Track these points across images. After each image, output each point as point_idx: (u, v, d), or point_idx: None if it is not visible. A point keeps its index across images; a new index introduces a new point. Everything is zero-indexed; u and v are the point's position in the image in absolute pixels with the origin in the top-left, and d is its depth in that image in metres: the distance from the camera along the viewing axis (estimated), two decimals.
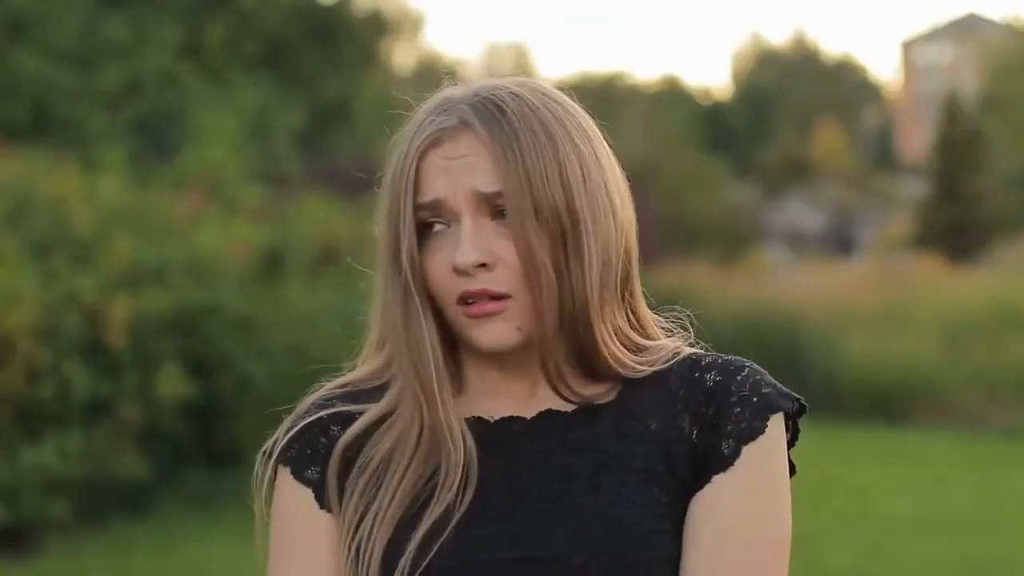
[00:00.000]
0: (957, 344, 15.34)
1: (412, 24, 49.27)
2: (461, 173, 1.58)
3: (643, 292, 1.70)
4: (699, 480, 1.60)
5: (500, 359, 1.63)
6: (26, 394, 8.88)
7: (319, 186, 15.04)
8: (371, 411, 1.66)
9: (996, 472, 12.01)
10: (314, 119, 21.75)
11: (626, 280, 1.66)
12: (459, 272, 1.58)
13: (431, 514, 1.58)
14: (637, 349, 1.66)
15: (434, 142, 1.59)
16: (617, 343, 1.63)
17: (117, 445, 9.40)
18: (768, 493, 1.60)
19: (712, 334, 1.79)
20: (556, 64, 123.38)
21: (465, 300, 1.59)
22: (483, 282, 1.58)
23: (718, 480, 1.60)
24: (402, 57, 47.09)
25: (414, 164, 1.59)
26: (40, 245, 9.48)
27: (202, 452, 10.28)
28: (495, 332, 1.59)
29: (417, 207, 1.60)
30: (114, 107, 18.37)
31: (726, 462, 1.60)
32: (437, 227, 1.60)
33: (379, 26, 26.06)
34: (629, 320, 1.67)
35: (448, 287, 1.59)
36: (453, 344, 1.65)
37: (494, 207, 1.59)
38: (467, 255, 1.57)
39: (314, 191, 14.19)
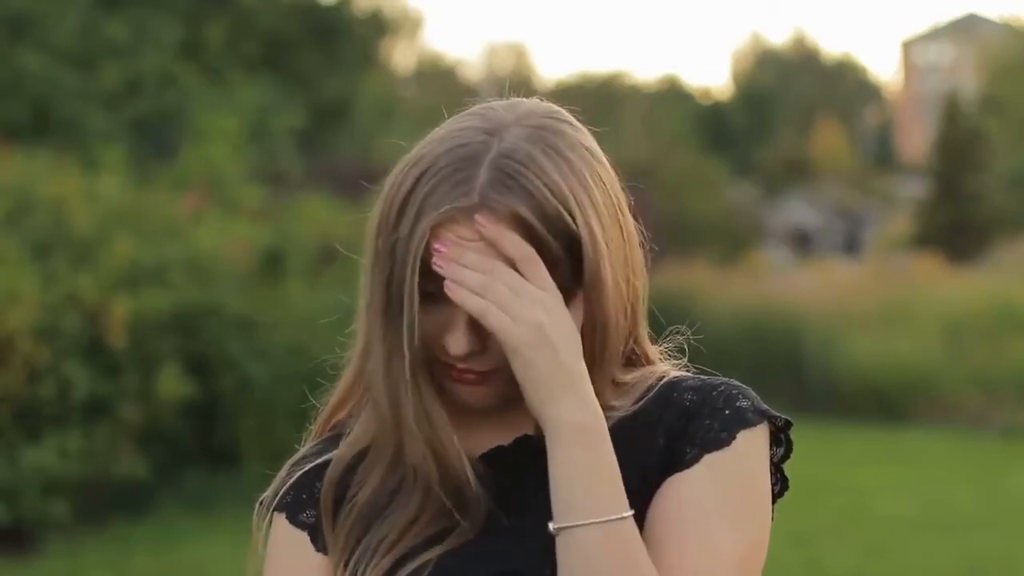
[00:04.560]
0: (957, 344, 15.35)
1: (412, 24, 49.25)
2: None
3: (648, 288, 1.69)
4: (661, 482, 1.59)
5: None
6: (26, 394, 8.88)
7: (319, 186, 15.04)
8: (344, 446, 1.66)
9: (996, 472, 12.02)
10: (314, 119, 21.76)
11: (633, 329, 1.65)
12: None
13: (431, 552, 1.59)
14: (622, 385, 1.64)
15: (449, 218, 1.54)
16: (604, 393, 1.61)
17: (117, 445, 9.40)
18: (726, 501, 1.57)
19: (712, 334, 1.78)
20: (556, 64, 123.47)
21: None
22: (471, 362, 1.57)
23: (673, 479, 1.58)
24: (402, 57, 47.09)
25: (425, 239, 1.54)
26: (40, 245, 9.49)
27: (202, 452, 10.28)
28: (475, 394, 1.60)
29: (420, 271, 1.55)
30: (114, 107, 18.38)
31: (685, 465, 1.58)
32: (435, 287, 1.55)
33: (379, 26, 26.06)
34: (629, 358, 1.66)
35: (436, 349, 1.58)
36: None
37: None
38: (459, 346, 1.56)
39: (314, 191, 14.19)
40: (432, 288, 1.55)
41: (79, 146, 14.79)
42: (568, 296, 1.55)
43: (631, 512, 1.52)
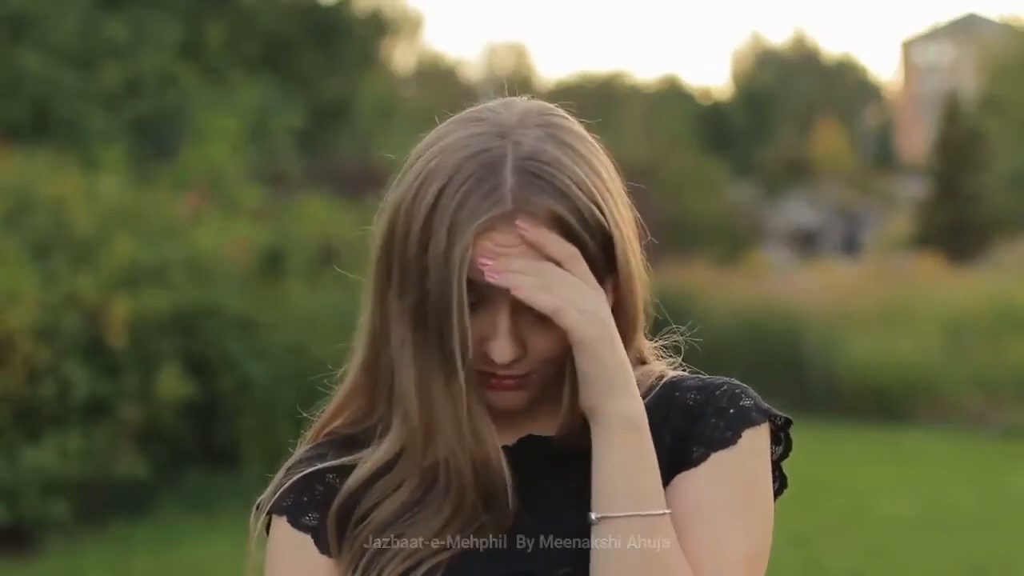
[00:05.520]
0: (957, 344, 15.35)
1: (412, 24, 49.24)
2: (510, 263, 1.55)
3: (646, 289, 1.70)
4: (668, 481, 1.60)
5: None
6: (26, 394, 8.88)
7: (319, 186, 15.05)
8: (369, 462, 1.65)
9: (996, 472, 12.02)
10: (314, 119, 21.75)
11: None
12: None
13: (445, 553, 1.59)
14: None
15: (487, 227, 1.53)
16: None
17: (117, 445, 9.40)
18: (734, 500, 1.58)
19: (712, 334, 1.78)
20: (556, 64, 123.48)
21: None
22: (511, 368, 1.58)
23: (681, 477, 1.59)
24: (402, 57, 47.07)
25: (469, 253, 1.52)
26: (40, 245, 9.49)
27: (202, 452, 10.28)
28: (509, 399, 1.60)
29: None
30: (114, 107, 18.37)
31: (692, 464, 1.60)
32: (471, 298, 1.55)
33: (379, 26, 26.05)
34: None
35: (476, 358, 1.57)
36: None
37: None
38: (503, 353, 1.56)
39: (314, 191, 14.19)
40: (469, 299, 1.55)
41: (79, 146, 14.79)
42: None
43: (669, 510, 1.55)
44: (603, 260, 1.57)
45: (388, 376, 1.63)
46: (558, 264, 1.54)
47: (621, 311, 1.60)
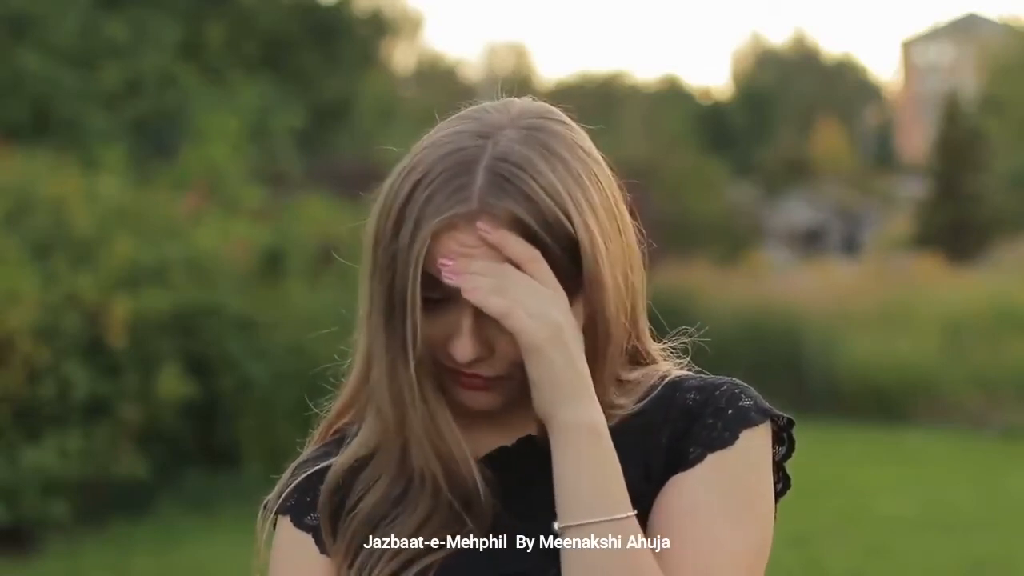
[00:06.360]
0: (957, 344, 15.35)
1: (412, 24, 49.22)
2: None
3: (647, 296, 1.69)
4: (665, 481, 1.59)
5: None
6: (26, 394, 8.88)
7: (319, 186, 15.05)
8: (344, 455, 1.66)
9: (996, 472, 12.02)
10: (314, 119, 21.74)
11: (633, 326, 1.65)
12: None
13: (438, 553, 1.59)
14: (626, 383, 1.64)
15: (449, 225, 1.53)
16: (608, 391, 1.61)
17: (117, 445, 9.40)
18: (730, 501, 1.57)
19: (712, 334, 1.77)
20: (556, 64, 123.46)
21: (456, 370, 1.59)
22: (477, 368, 1.57)
23: (677, 478, 1.58)
24: (402, 57, 47.06)
25: (426, 248, 1.53)
26: (40, 245, 9.49)
27: (202, 452, 10.28)
28: (478, 400, 1.59)
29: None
30: (114, 107, 18.37)
31: (688, 464, 1.59)
32: (437, 294, 1.55)
33: (379, 26, 26.04)
34: (632, 355, 1.66)
35: (441, 355, 1.58)
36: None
37: None
38: (465, 352, 1.55)
39: (314, 191, 14.19)
40: (436, 295, 1.55)
41: (79, 146, 14.79)
42: (570, 296, 1.55)
43: (634, 512, 1.53)
44: (570, 267, 1.55)
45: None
46: (518, 267, 1.53)
47: (590, 320, 1.57)
